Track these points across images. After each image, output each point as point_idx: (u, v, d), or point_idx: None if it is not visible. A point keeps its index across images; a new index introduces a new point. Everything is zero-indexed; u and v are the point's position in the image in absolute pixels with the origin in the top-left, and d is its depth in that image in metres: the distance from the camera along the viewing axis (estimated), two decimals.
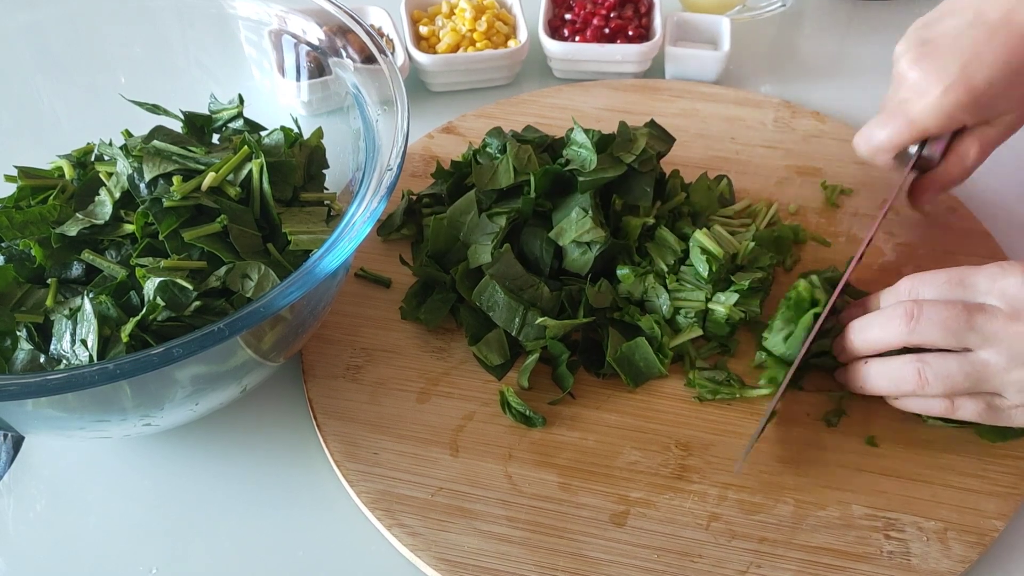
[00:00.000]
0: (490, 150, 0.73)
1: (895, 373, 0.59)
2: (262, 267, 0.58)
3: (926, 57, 0.65)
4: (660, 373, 0.65)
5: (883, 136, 0.68)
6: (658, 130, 0.73)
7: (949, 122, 0.65)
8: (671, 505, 0.59)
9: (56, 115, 0.74)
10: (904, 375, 0.58)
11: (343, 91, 0.66)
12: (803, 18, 0.99)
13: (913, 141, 0.68)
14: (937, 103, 0.64)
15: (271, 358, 0.60)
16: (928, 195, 0.71)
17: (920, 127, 0.66)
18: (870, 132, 0.69)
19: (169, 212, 0.59)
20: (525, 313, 0.64)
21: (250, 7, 0.71)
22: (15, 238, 0.62)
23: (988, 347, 0.56)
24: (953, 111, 0.64)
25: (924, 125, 0.66)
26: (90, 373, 0.47)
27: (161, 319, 0.56)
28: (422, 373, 0.66)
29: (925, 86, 0.65)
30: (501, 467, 0.61)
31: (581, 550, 0.57)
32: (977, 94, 0.63)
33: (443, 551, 0.57)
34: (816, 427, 0.63)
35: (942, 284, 0.58)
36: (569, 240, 0.67)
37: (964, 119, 0.65)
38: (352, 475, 0.60)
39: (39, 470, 0.63)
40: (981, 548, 0.57)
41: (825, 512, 0.59)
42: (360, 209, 0.55)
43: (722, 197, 0.74)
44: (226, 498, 0.61)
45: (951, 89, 0.64)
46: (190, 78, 0.74)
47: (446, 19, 0.90)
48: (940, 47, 0.65)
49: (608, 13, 0.89)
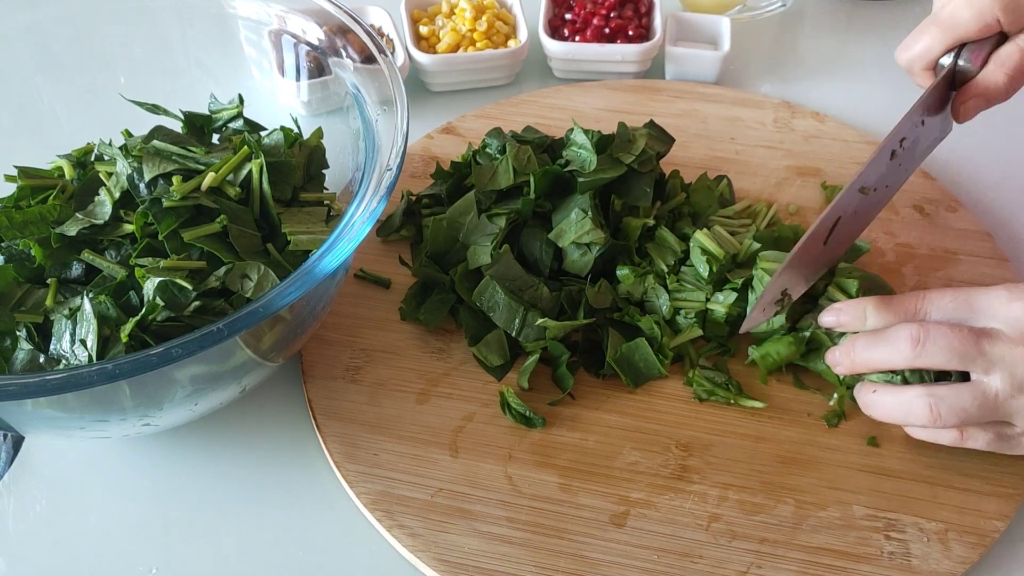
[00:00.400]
0: (490, 151, 0.73)
1: (906, 407, 0.57)
2: (262, 267, 0.58)
3: None
4: (660, 374, 0.65)
5: (918, 45, 0.65)
6: (658, 130, 0.73)
7: (981, 19, 0.62)
8: (671, 506, 0.59)
9: (56, 115, 0.74)
10: (915, 409, 0.57)
11: (343, 91, 0.66)
12: (803, 18, 0.99)
13: (949, 45, 0.64)
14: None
15: (270, 358, 0.60)
16: (967, 107, 0.65)
17: (952, 26, 0.63)
18: (908, 41, 0.66)
19: (169, 212, 0.59)
20: (525, 314, 0.64)
21: (250, 7, 0.71)
22: (15, 238, 0.62)
23: (995, 372, 0.55)
24: (985, 7, 0.61)
25: (956, 24, 0.62)
26: (89, 373, 0.47)
27: (160, 319, 0.56)
28: (422, 374, 0.66)
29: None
30: (501, 468, 0.61)
31: (581, 551, 0.57)
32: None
33: (443, 552, 0.57)
34: (816, 427, 0.63)
35: (948, 304, 0.57)
36: (569, 241, 0.67)
37: (998, 15, 0.62)
38: (352, 476, 0.60)
39: (39, 470, 0.63)
40: (982, 549, 0.57)
41: (826, 512, 0.59)
42: (360, 209, 0.55)
43: (722, 197, 0.74)
44: (226, 498, 0.61)
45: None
46: (190, 78, 0.74)
47: (446, 19, 0.90)
48: None
49: (608, 13, 0.89)
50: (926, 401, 0.56)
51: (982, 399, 0.55)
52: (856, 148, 0.81)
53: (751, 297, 0.64)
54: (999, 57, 0.63)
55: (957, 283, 0.71)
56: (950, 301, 0.57)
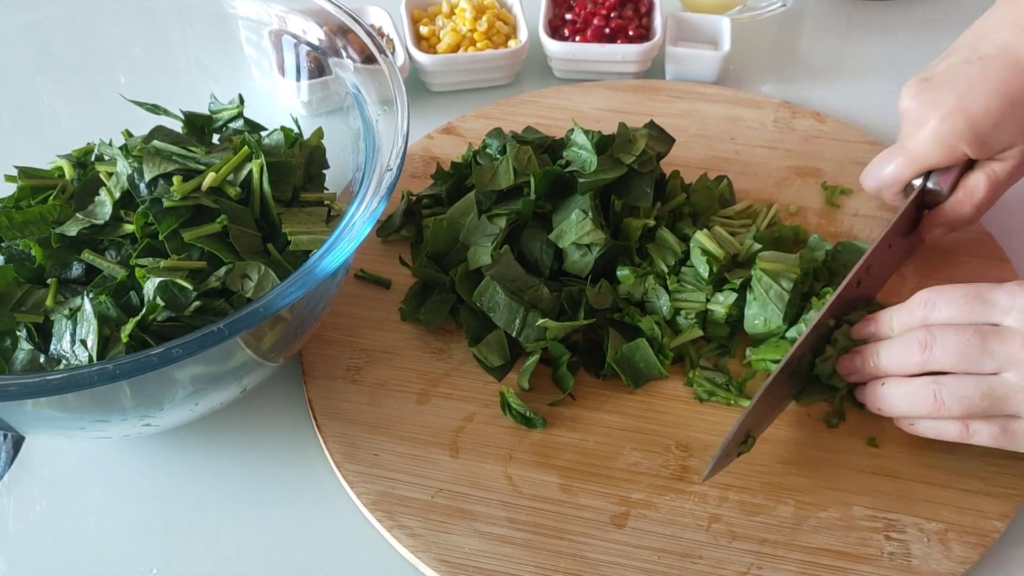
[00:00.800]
0: (490, 151, 0.73)
1: (911, 396, 0.57)
2: (262, 267, 0.58)
3: (924, 91, 0.67)
4: (660, 374, 0.65)
5: (887, 171, 0.69)
6: (658, 131, 0.73)
7: (948, 152, 0.66)
8: (671, 506, 0.59)
9: (56, 115, 0.74)
10: (920, 398, 0.57)
11: (343, 91, 0.66)
12: (803, 18, 0.99)
13: (916, 174, 0.68)
14: (935, 132, 0.65)
15: (271, 358, 0.60)
16: (936, 230, 0.70)
17: (920, 157, 0.67)
18: (875, 168, 0.70)
19: (169, 212, 0.59)
20: (526, 314, 0.64)
21: (250, 7, 0.71)
22: (15, 238, 0.62)
23: (1006, 370, 0.55)
24: (951, 139, 0.65)
25: (923, 155, 0.67)
26: (90, 373, 0.47)
27: (161, 319, 0.56)
28: (422, 374, 0.66)
29: (922, 117, 0.66)
30: (501, 468, 0.61)
31: (581, 551, 0.57)
32: (974, 122, 0.64)
33: (443, 552, 0.57)
34: (817, 428, 0.63)
35: (958, 300, 0.57)
36: (569, 242, 0.67)
37: (964, 150, 0.65)
38: (352, 476, 0.60)
39: (39, 470, 0.63)
40: (982, 549, 0.57)
41: (826, 513, 0.59)
42: (360, 209, 0.55)
43: (722, 198, 0.74)
44: (226, 498, 0.61)
45: (947, 117, 0.65)
46: (190, 78, 0.74)
47: (446, 19, 0.90)
48: (937, 82, 0.66)
49: (608, 13, 0.89)
50: (930, 389, 0.56)
51: (987, 389, 0.55)
52: (856, 148, 0.81)
53: (749, 298, 0.64)
54: (967, 186, 0.67)
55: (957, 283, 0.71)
56: (961, 295, 0.57)
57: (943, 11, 0.99)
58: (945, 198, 0.68)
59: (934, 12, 0.99)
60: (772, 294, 0.63)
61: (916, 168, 0.68)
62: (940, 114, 0.65)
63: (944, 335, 0.56)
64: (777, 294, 0.63)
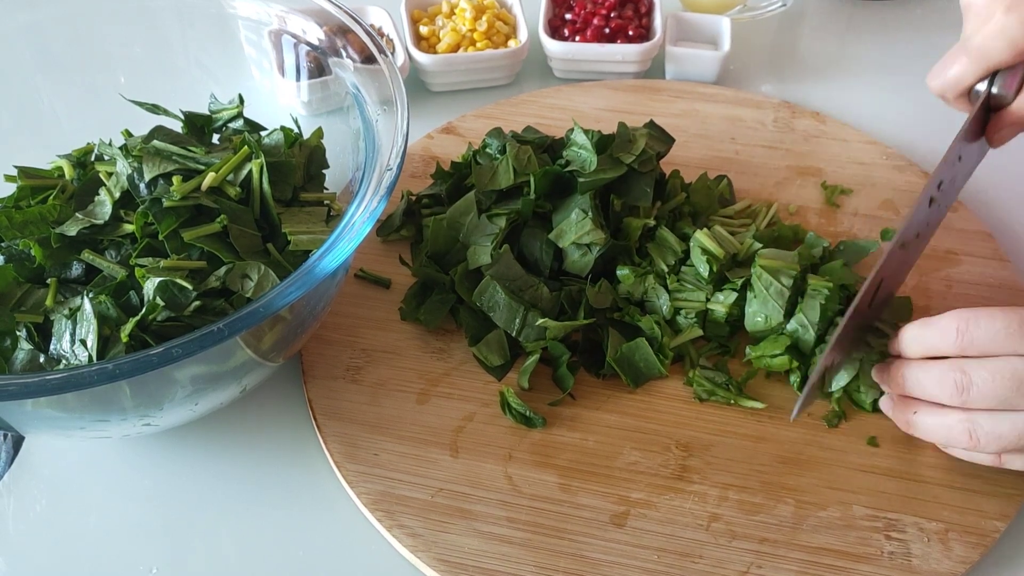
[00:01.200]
0: (490, 151, 0.73)
1: (945, 431, 0.56)
2: (262, 267, 0.58)
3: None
4: (660, 374, 0.65)
5: (951, 73, 0.63)
6: (658, 130, 0.73)
7: (1015, 49, 0.59)
8: (671, 506, 0.59)
9: (56, 115, 0.74)
10: (955, 434, 0.56)
11: (343, 91, 0.66)
12: (803, 18, 0.99)
13: (980, 75, 0.62)
14: (1000, 26, 0.59)
15: (271, 358, 0.60)
16: (1002, 135, 0.64)
17: (984, 56, 0.61)
18: (940, 67, 0.64)
19: (169, 212, 0.59)
20: (525, 314, 0.64)
21: (250, 7, 0.71)
22: (15, 238, 0.62)
23: None
24: (1017, 33, 0.59)
25: (988, 53, 0.60)
26: (89, 373, 0.47)
27: (161, 319, 0.56)
28: (422, 374, 0.66)
29: (987, 10, 0.60)
30: (501, 468, 0.61)
31: (581, 551, 0.57)
32: None
33: (443, 552, 0.57)
34: (817, 427, 0.63)
35: (999, 332, 0.53)
36: (569, 242, 0.67)
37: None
38: (352, 476, 0.60)
39: (39, 470, 0.63)
40: (982, 549, 0.57)
41: (826, 512, 0.59)
42: (360, 209, 0.55)
43: (722, 197, 0.74)
44: (226, 498, 0.61)
45: (1013, 7, 0.59)
46: (190, 78, 0.74)
47: (446, 19, 0.90)
48: None
49: (608, 13, 0.89)
50: (965, 427, 0.55)
51: (1023, 428, 0.54)
52: (856, 148, 0.81)
53: (749, 296, 0.64)
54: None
55: (957, 283, 0.71)
56: (1003, 327, 0.53)
57: (943, 11, 0.99)
58: (1011, 102, 0.62)
59: (933, 12, 0.99)
60: (772, 291, 0.63)
61: (981, 68, 0.61)
62: (1006, 4, 0.59)
63: (981, 379, 0.54)
64: (777, 291, 0.63)
